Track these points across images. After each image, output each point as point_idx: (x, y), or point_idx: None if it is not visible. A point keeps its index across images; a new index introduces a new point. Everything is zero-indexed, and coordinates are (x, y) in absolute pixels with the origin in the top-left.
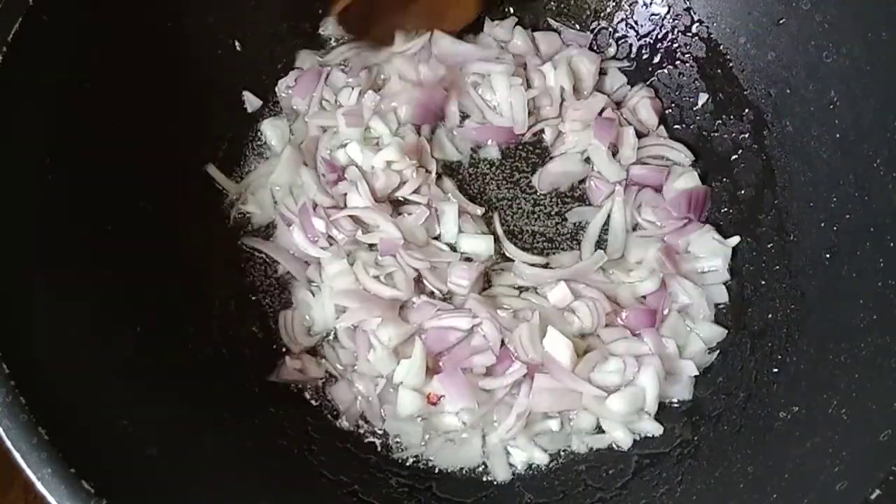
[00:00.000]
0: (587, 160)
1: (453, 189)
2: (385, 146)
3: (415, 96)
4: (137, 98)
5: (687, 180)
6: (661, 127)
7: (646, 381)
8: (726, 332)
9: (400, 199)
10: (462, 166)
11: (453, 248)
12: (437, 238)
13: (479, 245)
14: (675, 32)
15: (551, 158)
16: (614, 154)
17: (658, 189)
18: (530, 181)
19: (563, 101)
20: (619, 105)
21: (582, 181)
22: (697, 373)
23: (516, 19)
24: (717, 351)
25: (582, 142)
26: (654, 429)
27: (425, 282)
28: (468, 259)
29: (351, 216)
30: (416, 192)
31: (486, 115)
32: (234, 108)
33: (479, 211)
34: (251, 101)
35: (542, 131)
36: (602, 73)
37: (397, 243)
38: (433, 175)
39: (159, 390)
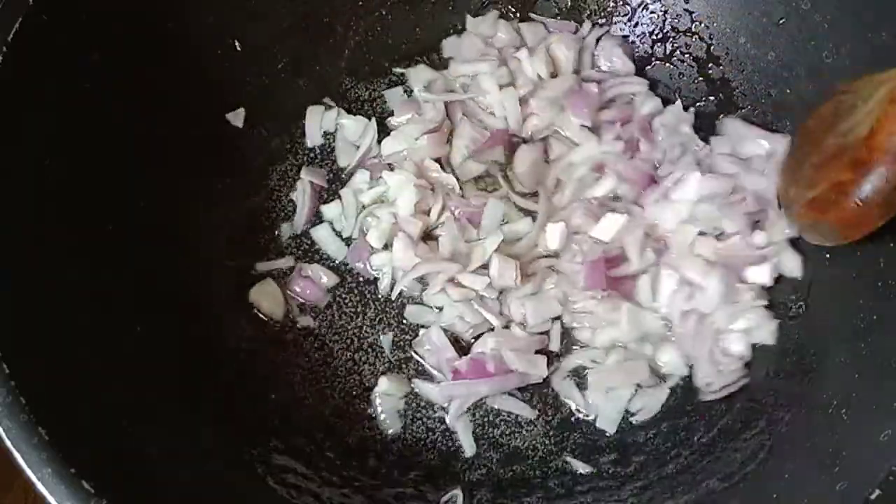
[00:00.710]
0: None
1: (476, 192)
2: (404, 194)
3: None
4: (137, 98)
5: (650, 106)
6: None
7: None
8: None
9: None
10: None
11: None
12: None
13: (521, 225)
14: (675, 32)
15: (522, 143)
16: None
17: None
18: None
19: None
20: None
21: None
22: None
23: (498, 13)
24: None
25: (551, 122)
26: None
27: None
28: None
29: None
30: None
31: (484, 119)
32: (234, 108)
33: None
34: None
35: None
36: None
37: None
38: (456, 189)
39: (159, 390)
